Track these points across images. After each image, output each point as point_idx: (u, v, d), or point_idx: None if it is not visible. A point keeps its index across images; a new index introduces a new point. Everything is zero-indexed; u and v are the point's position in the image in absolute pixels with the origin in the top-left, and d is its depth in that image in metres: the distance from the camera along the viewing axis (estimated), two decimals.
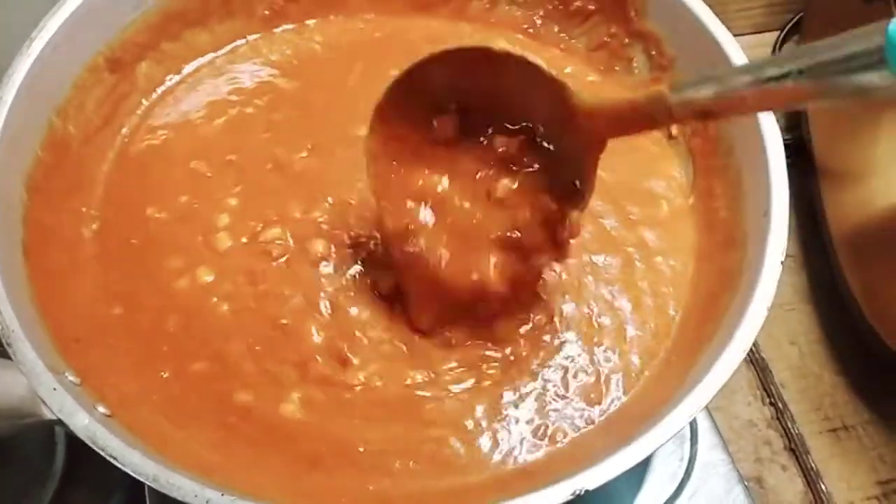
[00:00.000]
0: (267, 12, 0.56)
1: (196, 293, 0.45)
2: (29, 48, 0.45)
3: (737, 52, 0.47)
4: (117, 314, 0.44)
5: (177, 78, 0.54)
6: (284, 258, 0.46)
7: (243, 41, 0.57)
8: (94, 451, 0.34)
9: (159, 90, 0.54)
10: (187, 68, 0.55)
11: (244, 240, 0.47)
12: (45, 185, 0.45)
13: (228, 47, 0.56)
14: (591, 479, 0.34)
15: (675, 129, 0.52)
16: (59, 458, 0.51)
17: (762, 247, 0.41)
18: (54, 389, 0.35)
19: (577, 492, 0.33)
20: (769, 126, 0.44)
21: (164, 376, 0.42)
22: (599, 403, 0.42)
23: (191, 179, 0.50)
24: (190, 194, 0.49)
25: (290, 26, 0.58)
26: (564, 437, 0.41)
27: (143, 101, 0.53)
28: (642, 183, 0.51)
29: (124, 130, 0.52)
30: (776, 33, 0.83)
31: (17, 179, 0.43)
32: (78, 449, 0.51)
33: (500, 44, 0.53)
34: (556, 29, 0.57)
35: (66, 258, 0.45)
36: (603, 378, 0.43)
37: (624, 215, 0.49)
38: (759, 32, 0.84)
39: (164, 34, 0.53)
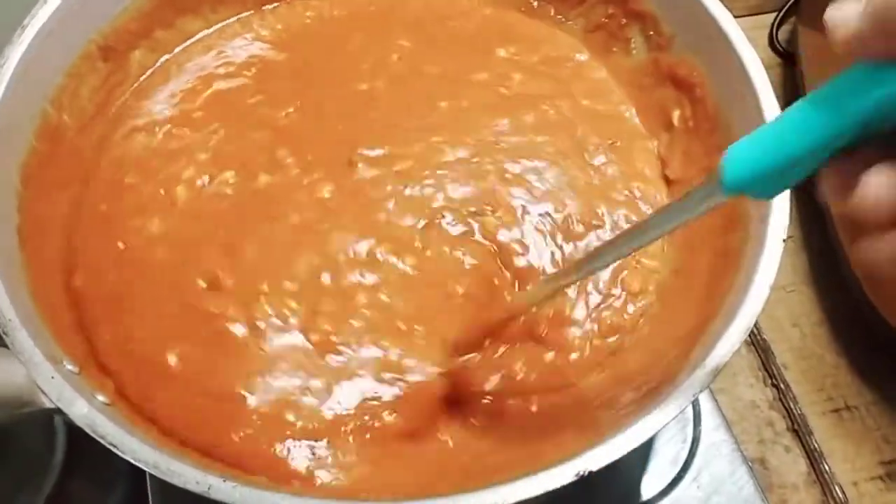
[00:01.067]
0: None
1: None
2: (20, 37, 0.44)
3: (735, 30, 0.46)
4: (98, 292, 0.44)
5: (166, 57, 0.54)
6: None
7: (234, 18, 0.56)
8: (94, 441, 0.34)
9: (149, 71, 0.53)
10: (177, 48, 0.55)
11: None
12: (39, 173, 0.45)
13: (218, 25, 0.56)
14: (595, 460, 0.33)
15: (676, 119, 0.51)
16: (59, 448, 0.51)
17: (763, 225, 0.40)
18: (52, 378, 0.35)
19: (581, 473, 0.33)
20: (768, 103, 0.44)
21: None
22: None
23: (171, 148, 0.49)
24: (167, 160, 0.49)
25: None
26: None
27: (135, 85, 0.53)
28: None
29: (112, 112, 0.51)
30: (773, 15, 0.83)
31: (12, 169, 0.43)
32: (78, 439, 0.51)
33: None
34: (552, 11, 0.57)
35: (59, 248, 0.44)
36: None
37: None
38: (756, 14, 0.84)
39: (157, 22, 0.52)
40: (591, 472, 0.33)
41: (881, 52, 0.23)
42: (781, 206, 0.40)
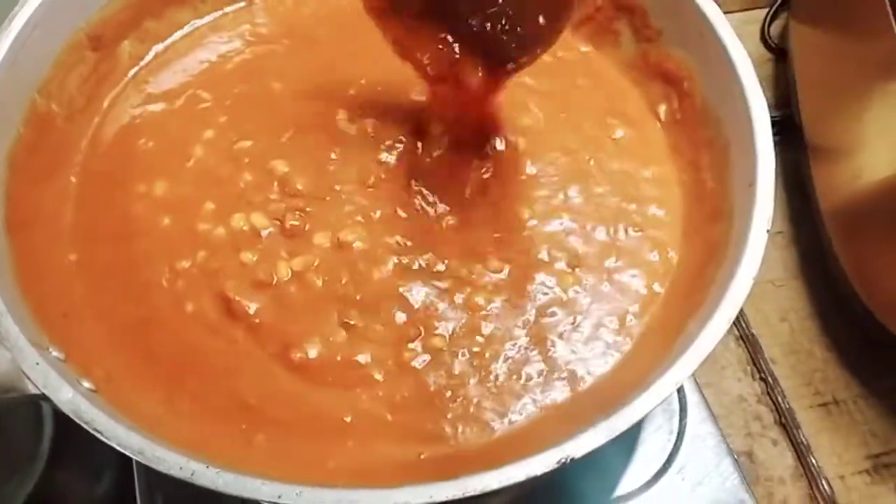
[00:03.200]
0: None
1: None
2: (9, 26, 0.44)
3: (723, 24, 0.47)
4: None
5: (161, 46, 0.54)
6: None
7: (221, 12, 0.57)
8: (81, 429, 0.34)
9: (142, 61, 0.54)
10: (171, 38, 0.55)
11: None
12: (27, 162, 0.45)
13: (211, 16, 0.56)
14: (577, 447, 0.33)
15: (662, 113, 0.52)
16: (46, 437, 0.51)
17: (748, 217, 0.41)
18: (37, 364, 0.35)
19: (563, 460, 0.33)
20: (755, 97, 0.44)
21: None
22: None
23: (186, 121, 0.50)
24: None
25: None
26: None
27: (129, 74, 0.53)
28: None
29: (106, 104, 0.51)
30: (765, 10, 0.83)
31: None
32: (66, 428, 0.51)
33: None
34: None
35: (48, 234, 0.44)
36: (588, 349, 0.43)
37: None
38: (748, 10, 0.84)
39: (146, 12, 0.52)
40: (573, 459, 0.33)
41: None
42: (766, 198, 0.41)
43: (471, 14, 0.43)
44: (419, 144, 0.48)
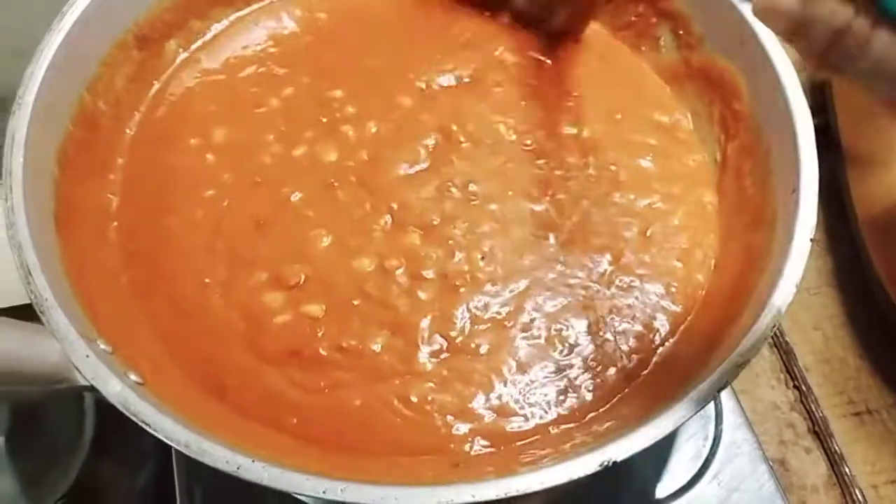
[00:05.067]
0: None
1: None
2: (59, 24, 0.45)
3: (765, 30, 0.46)
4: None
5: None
6: None
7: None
8: (123, 421, 0.34)
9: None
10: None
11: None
12: (76, 159, 0.45)
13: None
14: (619, 450, 0.34)
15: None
16: (87, 429, 0.51)
17: (791, 224, 0.40)
18: (87, 357, 0.35)
19: (605, 463, 0.33)
20: (798, 102, 0.44)
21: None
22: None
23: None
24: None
25: None
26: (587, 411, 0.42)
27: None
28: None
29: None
30: None
31: (50, 153, 0.44)
32: (107, 420, 0.52)
33: None
34: None
35: (96, 230, 0.45)
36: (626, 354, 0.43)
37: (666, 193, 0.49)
38: None
39: (192, 12, 0.53)
40: (615, 463, 0.33)
41: None
42: (809, 205, 0.41)
43: None
44: None
